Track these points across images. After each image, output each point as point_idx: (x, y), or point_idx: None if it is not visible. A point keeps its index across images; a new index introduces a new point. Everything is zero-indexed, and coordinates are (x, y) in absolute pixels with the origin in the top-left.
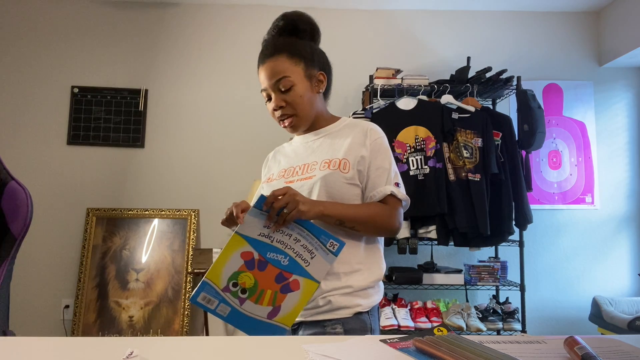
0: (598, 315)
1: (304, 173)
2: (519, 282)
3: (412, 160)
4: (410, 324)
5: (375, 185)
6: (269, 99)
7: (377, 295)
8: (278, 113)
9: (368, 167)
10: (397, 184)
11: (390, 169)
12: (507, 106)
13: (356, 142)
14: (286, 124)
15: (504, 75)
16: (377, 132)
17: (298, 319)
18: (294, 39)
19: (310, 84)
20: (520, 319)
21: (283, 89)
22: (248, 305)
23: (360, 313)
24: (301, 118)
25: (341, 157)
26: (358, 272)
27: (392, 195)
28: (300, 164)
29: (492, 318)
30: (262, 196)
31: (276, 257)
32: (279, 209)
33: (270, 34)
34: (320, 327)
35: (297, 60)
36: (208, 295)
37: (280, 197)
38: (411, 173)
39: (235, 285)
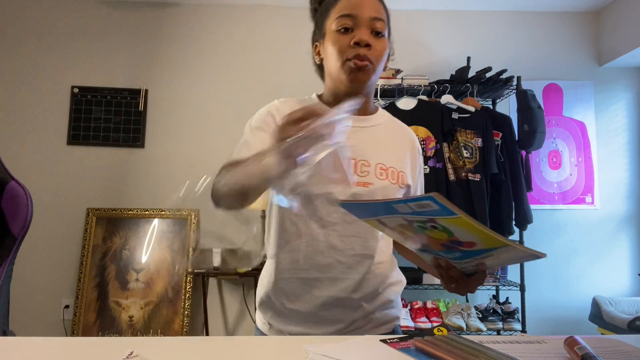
0: (598, 315)
1: (357, 173)
2: (519, 282)
3: None
4: (410, 324)
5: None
6: (348, 30)
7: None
8: (358, 51)
9: (415, 187)
10: None
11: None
12: (507, 106)
13: (412, 156)
14: (361, 65)
15: (504, 75)
16: (419, 144)
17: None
18: None
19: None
20: (520, 319)
21: (376, 31)
22: None
23: (397, 325)
24: (374, 73)
25: (399, 169)
26: (393, 285)
27: None
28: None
29: (492, 318)
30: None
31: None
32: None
33: None
34: None
35: (387, 24)
36: None
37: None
38: None
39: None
